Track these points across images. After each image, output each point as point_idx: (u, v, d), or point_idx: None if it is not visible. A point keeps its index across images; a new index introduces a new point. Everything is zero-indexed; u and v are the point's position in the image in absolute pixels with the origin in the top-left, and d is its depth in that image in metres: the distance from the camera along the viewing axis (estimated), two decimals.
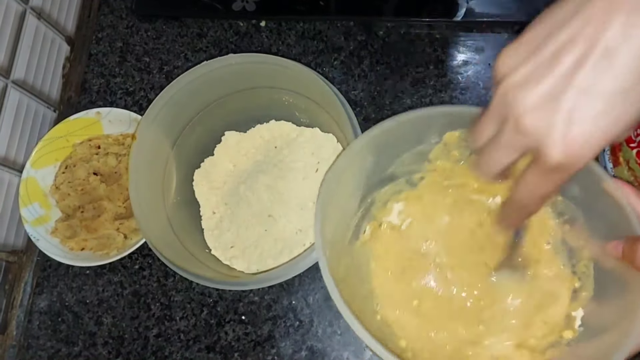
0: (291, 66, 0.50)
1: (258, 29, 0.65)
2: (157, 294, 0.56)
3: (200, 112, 0.55)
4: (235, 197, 0.55)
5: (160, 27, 0.66)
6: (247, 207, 0.54)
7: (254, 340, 0.53)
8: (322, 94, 0.49)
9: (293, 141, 0.56)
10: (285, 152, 0.56)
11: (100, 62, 0.66)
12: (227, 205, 0.55)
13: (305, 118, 0.57)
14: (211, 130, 0.57)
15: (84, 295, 0.57)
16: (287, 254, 0.51)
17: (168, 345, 0.54)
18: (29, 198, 0.57)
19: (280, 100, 0.56)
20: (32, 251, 0.59)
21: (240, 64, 0.51)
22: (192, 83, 0.51)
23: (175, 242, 0.50)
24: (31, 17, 0.61)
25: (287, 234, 0.52)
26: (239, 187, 0.55)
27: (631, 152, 0.45)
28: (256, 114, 0.57)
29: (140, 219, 0.48)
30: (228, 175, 0.57)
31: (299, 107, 0.56)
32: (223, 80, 0.52)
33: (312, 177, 0.53)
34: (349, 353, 0.52)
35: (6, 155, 0.58)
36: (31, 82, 0.61)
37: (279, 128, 0.58)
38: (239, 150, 0.58)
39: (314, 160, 0.54)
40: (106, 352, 0.55)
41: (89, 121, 0.60)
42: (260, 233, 0.53)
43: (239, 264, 0.52)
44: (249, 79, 0.53)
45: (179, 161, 0.55)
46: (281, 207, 0.53)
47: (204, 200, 0.56)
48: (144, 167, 0.50)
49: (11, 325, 0.57)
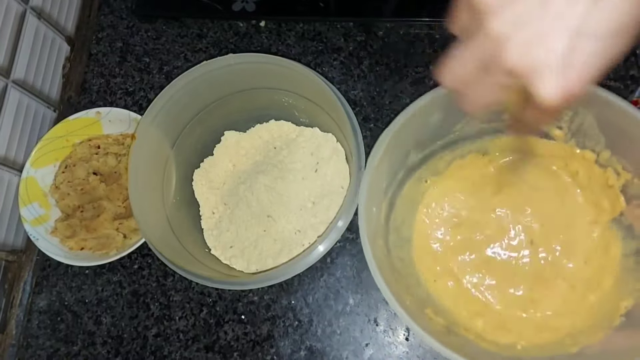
0: (291, 66, 0.50)
1: (258, 30, 0.65)
2: (156, 293, 0.56)
3: (200, 112, 0.55)
4: (235, 197, 0.55)
5: (160, 27, 0.66)
6: (247, 207, 0.54)
7: (253, 340, 0.53)
8: (322, 94, 0.49)
9: (292, 141, 0.56)
10: (284, 152, 0.56)
11: (100, 62, 0.66)
12: (226, 205, 0.55)
13: (304, 118, 0.57)
14: (211, 130, 0.57)
15: (83, 294, 0.57)
16: (286, 254, 0.51)
17: (167, 345, 0.54)
18: (29, 197, 0.57)
19: (279, 101, 0.56)
20: (31, 251, 0.59)
21: (240, 64, 0.51)
22: (191, 83, 0.51)
23: (175, 242, 0.50)
24: (31, 17, 0.61)
25: (286, 234, 0.52)
26: (239, 187, 0.55)
27: None
28: (256, 113, 0.57)
29: (140, 219, 0.48)
30: (227, 175, 0.57)
31: (299, 107, 0.56)
32: (223, 80, 0.53)
33: (311, 177, 0.53)
34: (348, 352, 0.52)
35: (6, 155, 0.58)
36: (31, 82, 0.61)
37: (279, 128, 0.58)
38: (239, 150, 0.58)
39: (313, 160, 0.54)
40: (105, 351, 0.55)
41: (89, 121, 0.60)
42: (260, 233, 0.53)
43: (239, 264, 0.52)
44: (249, 79, 0.54)
45: (179, 161, 0.55)
46: (280, 208, 0.53)
47: (203, 200, 0.56)
48: (143, 167, 0.50)
49: (10, 325, 0.57)
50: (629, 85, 0.56)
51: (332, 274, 0.54)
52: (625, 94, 0.56)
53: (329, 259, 0.55)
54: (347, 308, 0.53)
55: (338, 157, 0.54)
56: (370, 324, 0.52)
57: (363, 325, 0.53)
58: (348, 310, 0.53)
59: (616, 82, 0.57)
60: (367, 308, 0.53)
